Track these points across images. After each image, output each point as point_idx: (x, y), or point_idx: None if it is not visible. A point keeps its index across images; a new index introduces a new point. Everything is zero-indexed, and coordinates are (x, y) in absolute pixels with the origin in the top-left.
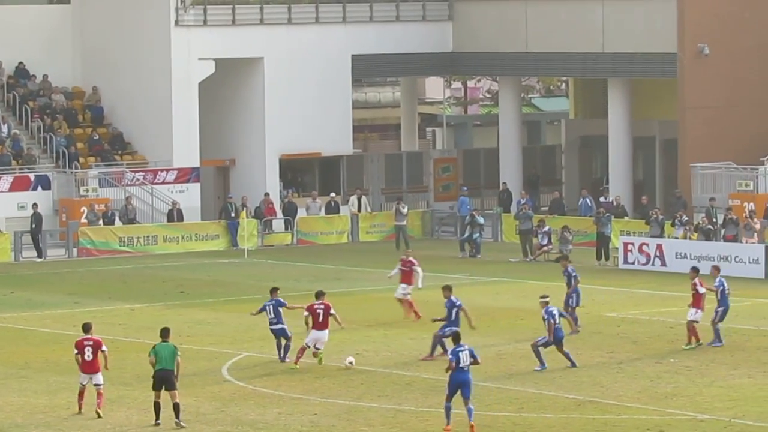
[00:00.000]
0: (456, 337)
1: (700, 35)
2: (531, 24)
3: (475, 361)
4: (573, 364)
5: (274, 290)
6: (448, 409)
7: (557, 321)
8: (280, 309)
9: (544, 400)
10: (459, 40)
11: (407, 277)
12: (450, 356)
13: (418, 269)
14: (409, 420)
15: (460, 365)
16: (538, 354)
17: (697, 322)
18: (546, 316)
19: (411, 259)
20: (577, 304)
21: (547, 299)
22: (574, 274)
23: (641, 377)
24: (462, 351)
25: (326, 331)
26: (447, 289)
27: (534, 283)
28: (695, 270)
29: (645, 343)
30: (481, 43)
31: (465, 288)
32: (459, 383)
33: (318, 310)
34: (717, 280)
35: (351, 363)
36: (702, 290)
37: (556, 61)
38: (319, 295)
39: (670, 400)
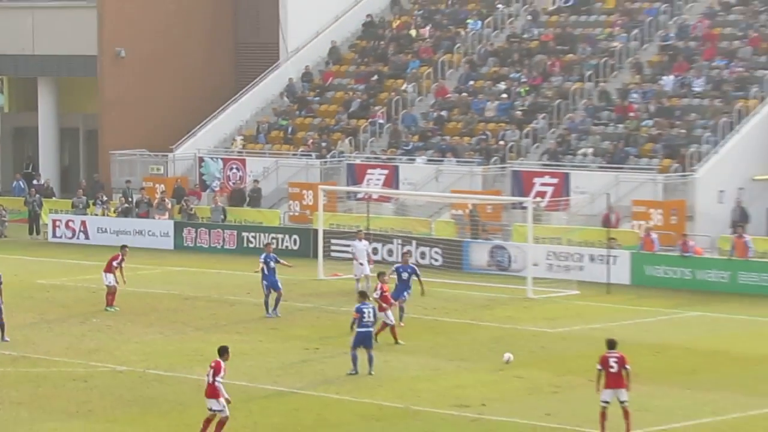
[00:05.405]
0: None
1: (118, 39)
2: None
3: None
4: None
5: None
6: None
7: None
8: None
9: None
10: None
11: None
12: None
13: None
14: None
15: None
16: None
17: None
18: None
19: None
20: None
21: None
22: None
23: (68, 335)
24: None
25: None
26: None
27: None
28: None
29: (71, 306)
30: None
31: None
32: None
33: None
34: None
35: (509, 359)
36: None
37: None
38: None
39: (93, 354)
